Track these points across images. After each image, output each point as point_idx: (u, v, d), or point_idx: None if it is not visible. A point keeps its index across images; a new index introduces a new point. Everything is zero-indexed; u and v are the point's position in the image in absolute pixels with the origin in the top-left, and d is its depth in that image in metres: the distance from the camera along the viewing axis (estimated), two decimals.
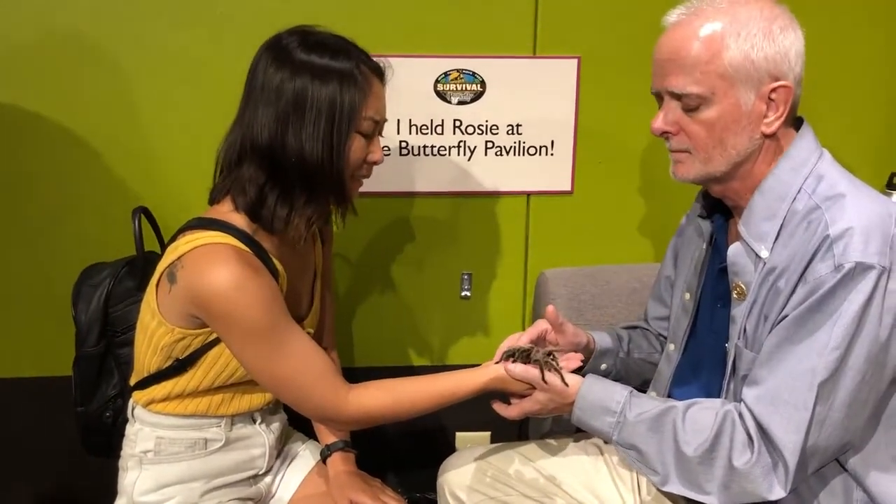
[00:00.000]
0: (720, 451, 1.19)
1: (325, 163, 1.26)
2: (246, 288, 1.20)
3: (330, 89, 1.24)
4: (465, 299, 1.91)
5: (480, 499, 1.45)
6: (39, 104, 1.67)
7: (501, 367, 1.31)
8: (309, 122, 1.24)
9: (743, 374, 1.26)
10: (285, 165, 1.26)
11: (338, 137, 1.25)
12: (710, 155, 1.24)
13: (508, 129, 1.80)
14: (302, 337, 1.28)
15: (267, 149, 1.25)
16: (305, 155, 1.25)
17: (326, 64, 1.25)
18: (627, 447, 1.27)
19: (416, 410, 1.32)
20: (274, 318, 1.24)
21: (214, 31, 1.68)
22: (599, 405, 1.28)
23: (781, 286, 1.20)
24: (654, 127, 1.27)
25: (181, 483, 1.35)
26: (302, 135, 1.24)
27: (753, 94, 1.20)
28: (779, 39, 1.19)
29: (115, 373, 1.45)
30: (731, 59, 1.18)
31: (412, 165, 1.81)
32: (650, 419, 1.25)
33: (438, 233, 1.87)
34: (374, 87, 1.29)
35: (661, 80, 1.25)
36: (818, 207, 1.19)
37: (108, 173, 1.72)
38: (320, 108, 1.24)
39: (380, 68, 1.33)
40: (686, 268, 1.44)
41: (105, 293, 1.43)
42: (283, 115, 1.24)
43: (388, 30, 1.72)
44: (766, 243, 1.23)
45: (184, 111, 1.71)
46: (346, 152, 1.27)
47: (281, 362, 1.24)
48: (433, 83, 1.76)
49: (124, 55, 1.67)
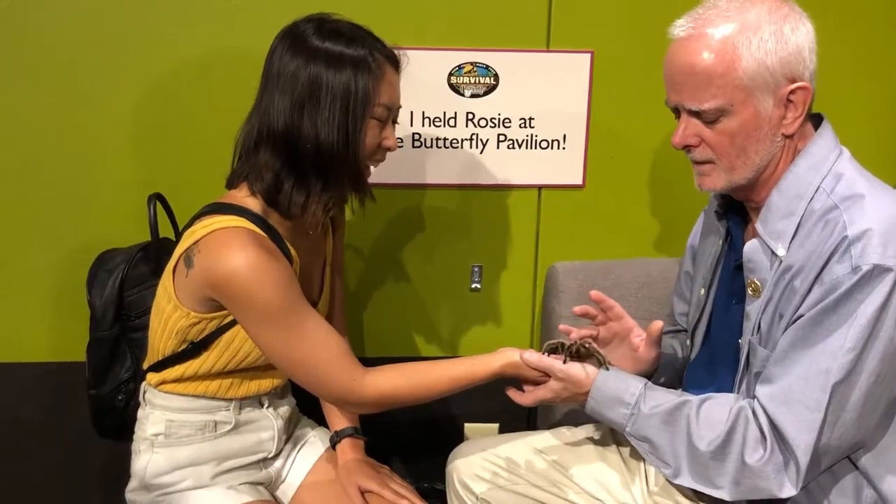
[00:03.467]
0: (733, 447, 1.20)
1: (340, 148, 1.27)
2: (262, 270, 1.21)
3: (344, 76, 1.25)
4: (475, 292, 1.92)
5: (488, 487, 1.46)
6: (56, 92, 1.69)
7: (516, 353, 1.32)
8: (324, 109, 1.25)
9: (756, 371, 1.26)
10: (301, 152, 1.27)
11: (353, 123, 1.27)
12: (733, 164, 1.23)
13: (521, 123, 1.81)
14: (318, 319, 1.30)
15: (283, 135, 1.27)
16: (321, 141, 1.26)
17: (341, 51, 1.26)
18: (640, 439, 1.27)
19: (431, 394, 1.33)
20: (290, 301, 1.25)
21: (230, 20, 1.69)
22: (614, 396, 1.28)
23: (797, 285, 1.19)
24: (675, 142, 1.26)
25: (192, 465, 1.36)
26: (317, 121, 1.26)
27: (771, 99, 1.19)
28: (791, 40, 1.18)
29: (128, 357, 1.47)
30: (746, 69, 1.17)
31: (425, 157, 1.81)
32: (664, 412, 1.25)
33: (449, 225, 1.88)
34: (388, 75, 1.31)
35: (676, 96, 1.24)
36: (836, 207, 1.18)
37: (124, 160, 1.74)
38: (335, 95, 1.25)
39: (394, 56, 1.34)
40: (703, 264, 1.45)
41: (120, 278, 1.45)
42: (298, 101, 1.26)
43: (402, 22, 1.73)
44: (782, 241, 1.22)
45: (199, 98, 1.72)
46: (362, 138, 1.28)
47: (298, 344, 1.26)
48: (447, 76, 1.76)
49: (139, 43, 1.69)
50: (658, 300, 1.80)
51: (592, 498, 1.42)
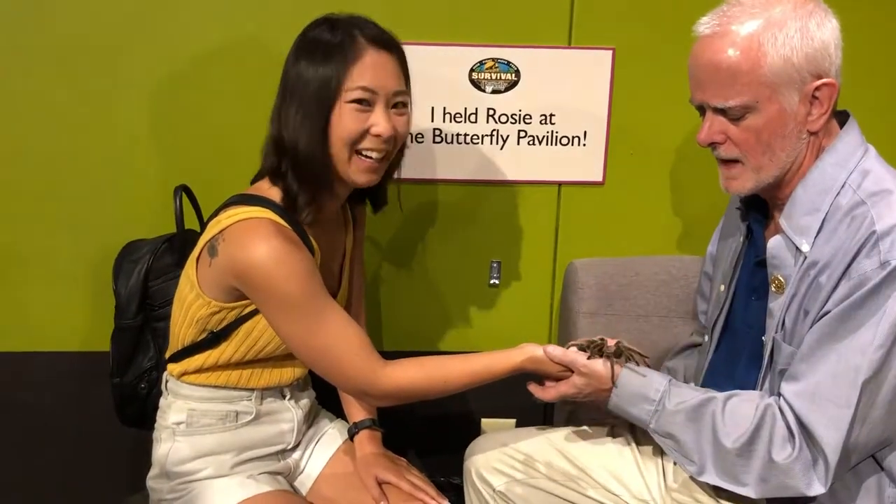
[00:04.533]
0: (759, 445, 1.19)
1: (310, 145, 1.26)
2: (285, 261, 1.23)
3: (312, 65, 1.25)
4: (493, 287, 1.92)
5: (505, 481, 1.46)
6: (84, 84, 1.71)
7: (537, 348, 1.32)
8: (292, 106, 1.26)
9: (781, 369, 1.26)
10: (288, 155, 1.28)
11: (317, 114, 1.25)
12: (760, 162, 1.23)
13: (541, 119, 1.81)
14: (339, 311, 1.31)
15: (276, 140, 1.30)
16: (297, 143, 1.27)
17: (317, 38, 1.27)
18: (664, 436, 1.27)
19: (449, 388, 1.33)
20: (312, 291, 1.26)
21: (259, 11, 1.71)
22: (638, 392, 1.28)
23: (823, 281, 1.19)
24: (701, 139, 1.25)
25: (213, 455, 1.38)
26: (290, 123, 1.27)
27: (797, 96, 1.19)
28: (817, 36, 1.17)
29: (151, 346, 1.48)
30: (772, 66, 1.16)
31: (445, 153, 1.82)
32: (689, 409, 1.25)
33: (469, 220, 1.88)
34: (368, 56, 1.26)
35: (701, 94, 1.23)
36: (863, 203, 1.18)
37: (152, 153, 1.75)
38: (303, 91, 1.25)
39: (380, 37, 1.29)
40: (723, 261, 1.44)
41: (145, 268, 1.47)
42: (279, 104, 1.29)
43: (425, 18, 1.73)
44: (807, 237, 1.22)
45: (228, 91, 1.74)
46: (331, 128, 1.26)
47: (318, 334, 1.27)
48: (468, 71, 1.77)
49: (166, 37, 1.70)
50: (677, 298, 1.80)
51: (609, 493, 1.42)
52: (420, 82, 1.36)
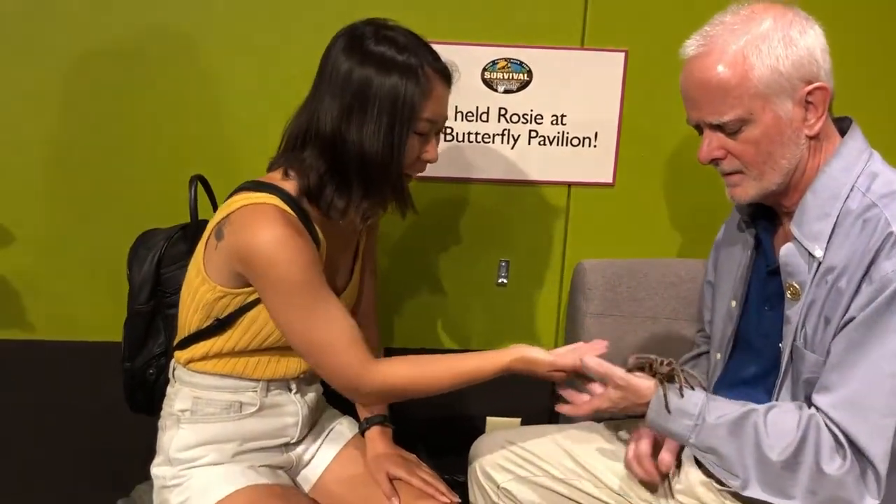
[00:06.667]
0: (806, 456, 1.17)
1: (383, 159, 1.29)
2: (287, 247, 1.25)
3: (393, 85, 1.27)
4: (501, 286, 1.93)
5: (509, 478, 1.46)
6: (101, 78, 1.73)
7: (528, 349, 1.32)
8: (371, 118, 1.28)
9: (805, 378, 1.25)
10: (345, 159, 1.30)
11: (398, 136, 1.29)
12: (761, 171, 1.24)
13: (553, 120, 1.82)
14: (336, 303, 1.32)
15: (329, 139, 1.30)
16: (365, 150, 1.28)
17: (392, 58, 1.28)
18: (706, 450, 1.25)
19: (437, 387, 1.34)
20: (311, 280, 1.28)
21: (277, 14, 1.72)
22: (677, 407, 1.25)
23: (843, 286, 1.19)
24: (701, 157, 1.27)
25: (215, 443, 1.39)
26: (364, 130, 1.28)
27: (790, 103, 1.20)
28: (800, 43, 1.20)
29: (161, 332, 1.50)
30: (760, 77, 1.19)
31: (456, 152, 1.83)
32: (730, 422, 1.22)
33: (478, 219, 1.89)
34: (437, 90, 1.32)
35: (696, 113, 1.26)
36: (875, 205, 1.19)
37: (171, 144, 1.78)
38: (382, 104, 1.27)
39: (446, 71, 1.35)
40: (730, 276, 1.43)
41: (158, 255, 1.48)
42: (346, 107, 1.28)
43: (438, 16, 1.75)
44: (819, 242, 1.22)
45: (245, 86, 1.75)
46: (405, 150, 1.31)
47: (312, 324, 1.29)
48: (480, 71, 1.78)
49: (189, 32, 1.72)
50: (685, 300, 1.80)
51: (613, 493, 1.42)
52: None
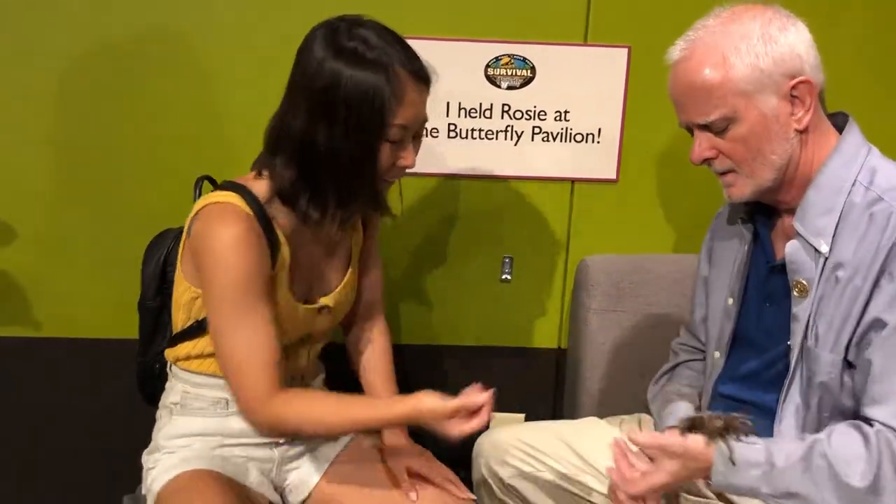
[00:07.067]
0: (888, 477, 1.15)
1: (356, 167, 1.26)
2: (234, 250, 1.24)
3: (360, 86, 1.21)
4: (504, 282, 1.94)
5: (513, 472, 1.48)
6: (108, 79, 1.74)
7: (429, 399, 1.25)
8: (339, 119, 1.23)
9: (821, 381, 1.24)
10: (315, 165, 1.27)
11: (368, 143, 1.25)
12: (752, 168, 1.25)
13: (556, 116, 1.82)
14: (267, 323, 1.28)
15: (298, 143, 1.26)
16: (335, 156, 1.25)
17: (363, 55, 1.22)
18: (783, 496, 1.19)
19: (326, 431, 1.37)
20: (247, 290, 1.26)
21: (280, 12, 1.73)
22: (743, 459, 1.20)
23: (859, 283, 1.20)
24: (693, 158, 1.30)
25: (202, 435, 1.40)
26: (332, 133, 1.24)
27: (775, 98, 1.22)
28: (781, 40, 1.21)
29: (168, 328, 1.51)
30: (741, 76, 1.21)
31: (459, 148, 1.84)
32: (800, 460, 1.18)
33: (481, 215, 1.89)
34: (409, 94, 1.25)
35: (685, 116, 1.29)
36: (881, 199, 1.20)
37: (173, 143, 1.79)
38: (349, 106, 1.22)
39: (422, 72, 1.28)
40: (725, 272, 1.43)
41: (165, 253, 1.49)
42: (315, 106, 1.24)
43: (441, 13, 1.75)
44: (825, 238, 1.23)
45: (251, 85, 1.76)
46: (378, 158, 1.27)
47: (235, 333, 1.27)
48: (484, 67, 1.78)
49: (190, 31, 1.73)
50: (688, 296, 1.78)
51: None
52: (436, 78, 1.38)
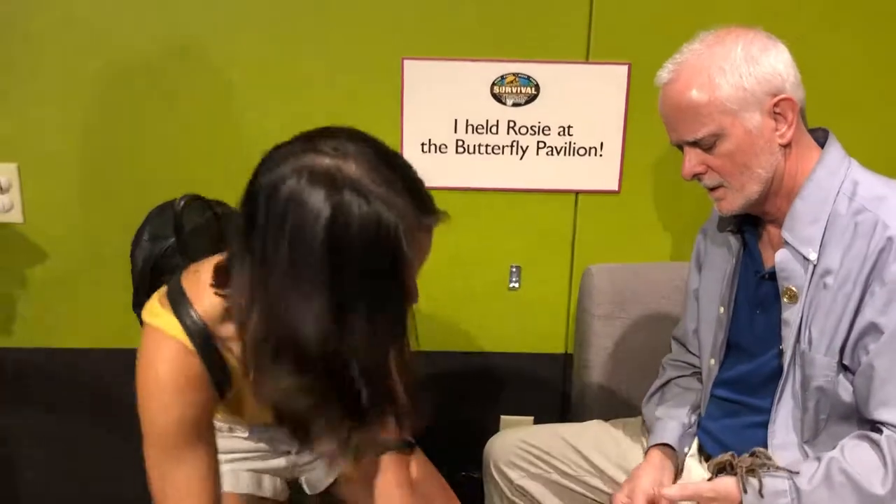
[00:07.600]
0: None
1: (381, 364, 1.05)
2: (165, 392, 1.10)
3: (380, 261, 0.99)
4: (513, 290, 1.98)
5: (522, 475, 1.52)
6: (114, 103, 1.80)
7: None
8: (362, 311, 0.98)
9: (818, 385, 1.28)
10: (345, 376, 1.02)
11: (396, 328, 1.04)
12: (741, 182, 1.31)
13: (560, 131, 1.88)
14: (195, 475, 1.14)
15: (318, 353, 0.99)
16: (363, 358, 1.01)
17: (378, 217, 0.98)
18: None
19: None
20: (178, 437, 1.11)
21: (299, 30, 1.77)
22: (770, 490, 1.23)
23: (849, 289, 1.24)
24: (684, 174, 1.35)
25: None
26: (356, 330, 0.98)
27: (759, 115, 1.27)
28: (762, 60, 1.27)
29: None
30: (727, 95, 1.26)
31: (467, 162, 1.88)
32: (822, 478, 1.21)
33: (490, 227, 1.94)
34: (423, 244, 1.08)
35: (675, 135, 1.34)
36: (865, 209, 1.25)
37: (196, 164, 1.84)
38: (366, 296, 0.98)
39: (435, 221, 1.08)
40: (716, 282, 1.47)
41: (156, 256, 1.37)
42: (333, 303, 0.97)
43: (450, 35, 1.80)
44: (812, 246, 1.28)
45: (261, 110, 1.81)
46: None
47: (162, 477, 1.14)
48: (490, 86, 1.84)
49: (208, 45, 1.78)
50: None
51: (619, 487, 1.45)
52: (444, 96, 1.40)
